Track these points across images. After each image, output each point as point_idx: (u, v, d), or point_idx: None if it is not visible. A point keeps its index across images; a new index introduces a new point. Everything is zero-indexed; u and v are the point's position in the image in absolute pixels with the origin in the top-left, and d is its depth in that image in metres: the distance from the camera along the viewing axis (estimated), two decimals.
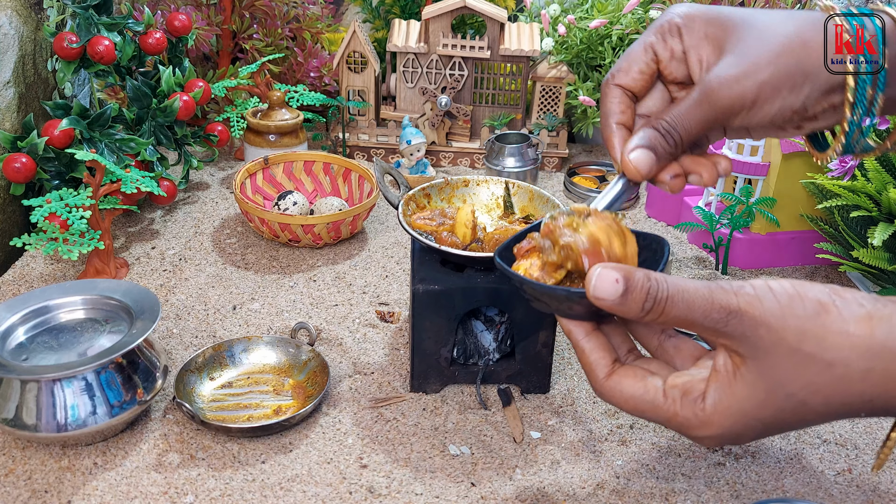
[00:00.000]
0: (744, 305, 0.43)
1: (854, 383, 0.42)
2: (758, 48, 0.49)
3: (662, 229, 1.15)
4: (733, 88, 0.49)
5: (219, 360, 0.80)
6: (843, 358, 0.42)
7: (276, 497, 0.67)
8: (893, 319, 0.41)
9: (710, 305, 0.43)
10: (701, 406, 0.46)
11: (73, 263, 1.00)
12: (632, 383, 0.48)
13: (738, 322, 0.43)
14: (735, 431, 0.46)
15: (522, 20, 1.42)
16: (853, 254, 0.92)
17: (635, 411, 0.48)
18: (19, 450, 0.71)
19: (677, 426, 0.47)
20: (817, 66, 0.49)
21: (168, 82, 1.08)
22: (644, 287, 0.44)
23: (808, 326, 0.42)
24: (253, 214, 1.02)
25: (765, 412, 0.44)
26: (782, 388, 0.43)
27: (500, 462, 0.72)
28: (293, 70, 1.38)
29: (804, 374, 0.43)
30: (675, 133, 0.51)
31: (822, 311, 0.42)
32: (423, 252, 0.79)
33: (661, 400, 0.47)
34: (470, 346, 0.80)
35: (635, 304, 0.44)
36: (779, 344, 0.43)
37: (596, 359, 0.50)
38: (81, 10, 1.00)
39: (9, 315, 0.73)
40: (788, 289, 0.43)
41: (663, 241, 0.55)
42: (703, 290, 0.44)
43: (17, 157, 0.93)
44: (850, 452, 0.74)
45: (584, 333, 0.50)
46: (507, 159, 1.24)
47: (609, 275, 0.45)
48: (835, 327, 0.42)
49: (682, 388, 0.47)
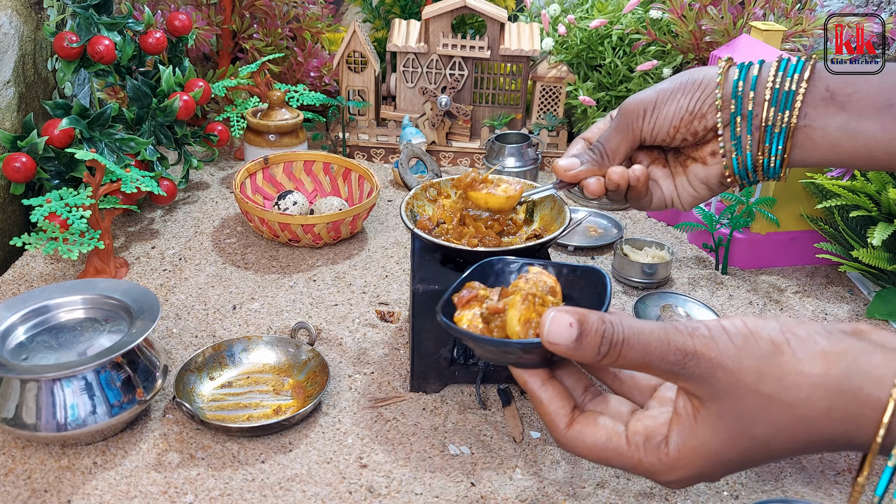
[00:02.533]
0: (699, 347, 0.42)
1: (817, 422, 0.41)
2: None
3: (662, 229, 1.15)
4: (637, 97, 0.63)
5: (218, 360, 0.80)
6: (803, 398, 0.41)
7: (275, 497, 0.67)
8: (849, 356, 0.41)
9: (667, 348, 0.43)
10: (665, 451, 0.45)
11: (73, 263, 1.00)
12: (593, 432, 0.48)
13: (694, 364, 0.43)
14: (702, 472, 0.45)
15: (522, 20, 1.42)
16: (853, 254, 0.92)
17: (599, 460, 0.48)
18: (19, 449, 0.71)
19: (644, 472, 0.47)
20: (710, 77, 0.61)
21: (168, 82, 1.08)
22: (599, 330, 0.43)
23: (764, 367, 0.42)
24: (253, 214, 1.02)
25: (730, 453, 0.44)
26: (745, 430, 0.43)
27: (499, 462, 0.72)
28: (293, 70, 1.38)
29: (765, 415, 0.42)
30: (599, 146, 0.66)
31: (776, 352, 0.42)
32: (423, 252, 0.79)
33: (625, 447, 0.47)
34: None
35: (590, 349, 0.43)
36: (737, 385, 0.42)
37: (555, 409, 0.49)
38: (81, 10, 1.00)
39: (9, 314, 0.73)
40: (742, 328, 0.43)
41: (602, 275, 0.54)
42: (658, 332, 0.43)
43: (17, 156, 0.93)
44: (849, 453, 0.74)
45: (541, 383, 0.49)
46: (507, 159, 1.24)
47: (563, 318, 0.43)
48: (790, 367, 0.41)
49: (645, 433, 0.46)
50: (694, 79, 0.62)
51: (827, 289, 1.01)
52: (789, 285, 1.02)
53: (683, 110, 0.62)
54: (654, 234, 1.14)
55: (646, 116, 0.63)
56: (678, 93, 0.62)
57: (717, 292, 1.00)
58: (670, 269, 1.00)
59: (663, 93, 0.62)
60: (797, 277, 1.04)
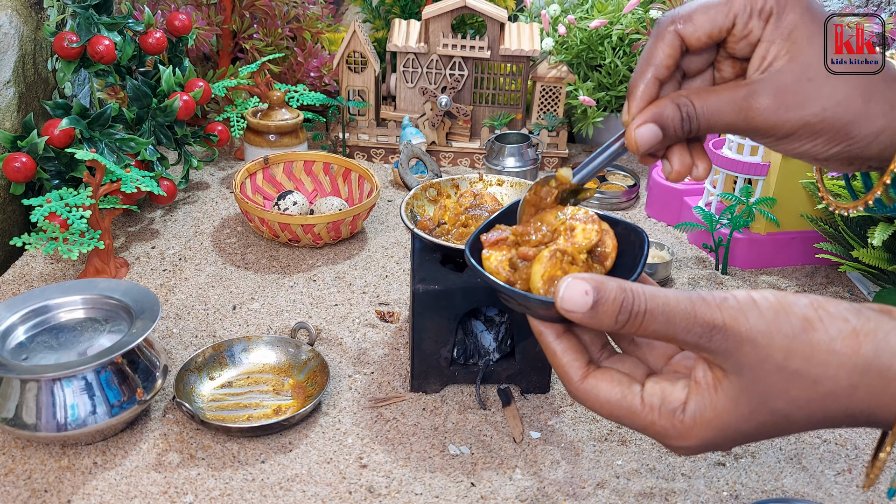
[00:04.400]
0: (728, 321, 0.42)
1: (839, 399, 0.42)
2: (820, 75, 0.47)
3: (662, 229, 1.15)
4: (770, 118, 0.47)
5: (219, 360, 0.80)
6: (831, 375, 0.41)
7: (275, 497, 0.67)
8: (878, 335, 0.41)
9: (693, 320, 0.42)
10: (680, 417, 0.45)
11: (73, 263, 1.00)
12: (608, 387, 0.47)
13: (722, 338, 0.42)
14: (714, 442, 0.45)
15: (522, 20, 1.42)
16: (853, 254, 0.92)
17: (611, 416, 0.47)
18: (19, 449, 0.71)
19: (654, 434, 0.46)
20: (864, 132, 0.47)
21: (168, 82, 1.08)
22: (617, 299, 0.42)
23: (794, 344, 0.41)
24: (253, 214, 1.02)
25: (747, 425, 0.44)
26: (766, 404, 0.43)
27: (499, 462, 0.72)
28: (293, 70, 1.38)
29: (789, 391, 0.42)
30: (696, 122, 0.49)
31: (808, 328, 0.42)
32: (423, 252, 0.79)
33: (639, 407, 0.46)
34: (470, 346, 0.80)
35: (607, 317, 0.43)
36: (765, 361, 0.42)
37: (569, 361, 0.48)
38: (81, 10, 1.00)
39: (9, 314, 0.73)
40: (773, 303, 0.42)
41: (642, 234, 0.51)
42: (684, 304, 0.42)
43: (17, 156, 0.93)
44: (850, 452, 0.74)
45: (555, 336, 0.49)
46: (507, 159, 1.24)
47: (578, 286, 0.43)
48: (822, 345, 0.41)
49: (662, 396, 0.46)
50: (845, 124, 0.49)
51: (827, 289, 1.01)
52: (789, 285, 1.02)
53: (811, 155, 0.50)
54: (654, 234, 1.14)
55: (769, 139, 0.50)
56: (822, 136, 0.49)
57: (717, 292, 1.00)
58: (670, 269, 1.00)
59: (804, 129, 0.49)
60: (797, 277, 1.04)
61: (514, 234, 0.51)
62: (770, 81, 0.47)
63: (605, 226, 0.51)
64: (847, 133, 0.48)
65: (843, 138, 0.48)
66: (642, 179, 1.27)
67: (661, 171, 1.18)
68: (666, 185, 1.15)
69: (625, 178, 1.26)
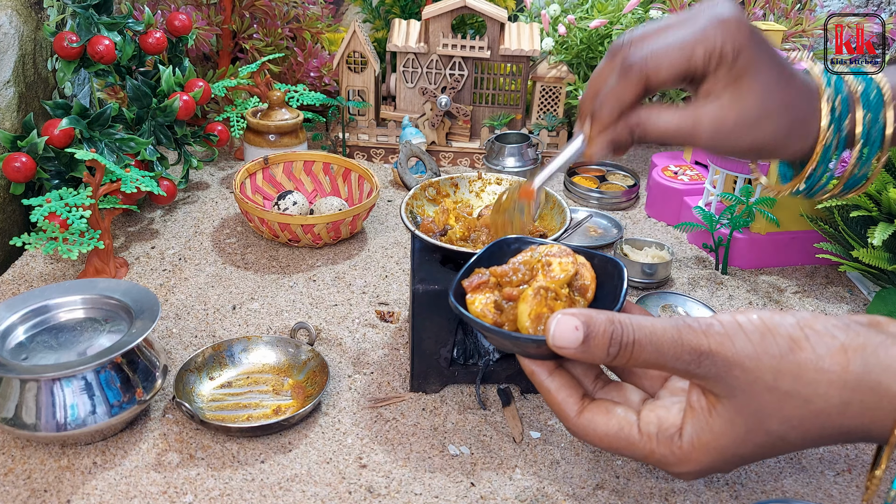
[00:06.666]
0: (715, 346, 0.42)
1: (832, 417, 0.42)
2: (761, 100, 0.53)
3: (662, 229, 1.15)
4: (708, 144, 0.54)
5: (218, 360, 0.80)
6: (821, 394, 0.41)
7: (275, 497, 0.67)
8: (867, 350, 0.41)
9: (681, 348, 0.42)
10: (678, 444, 0.45)
11: (73, 263, 1.00)
12: (605, 420, 0.47)
13: (710, 364, 0.42)
14: (714, 466, 0.45)
15: (522, 20, 1.42)
16: (853, 253, 0.92)
17: (611, 448, 0.48)
18: (19, 449, 0.71)
19: (655, 462, 0.47)
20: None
21: (168, 82, 1.08)
22: (607, 332, 0.43)
23: (782, 365, 0.42)
24: (253, 214, 1.02)
25: (744, 447, 0.44)
26: (762, 424, 0.43)
27: (499, 462, 0.72)
28: (293, 70, 1.38)
29: (782, 411, 0.42)
30: (646, 140, 0.56)
31: (795, 348, 0.42)
32: (423, 252, 0.79)
33: (637, 437, 0.46)
34: (470, 346, 0.80)
35: (599, 350, 0.43)
36: (755, 383, 0.42)
37: (563, 398, 0.48)
38: (81, 10, 1.00)
39: (8, 314, 0.73)
40: (759, 325, 0.43)
41: (620, 267, 0.52)
42: (671, 332, 0.43)
43: (17, 156, 0.93)
44: (850, 452, 0.74)
45: (548, 373, 0.49)
46: (507, 159, 1.24)
47: (568, 322, 0.43)
48: (809, 364, 0.41)
49: (658, 424, 0.46)
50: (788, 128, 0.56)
51: (827, 289, 1.01)
52: (789, 285, 1.02)
53: None
54: (654, 234, 1.14)
55: None
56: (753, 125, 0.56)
57: (717, 292, 1.00)
58: (670, 269, 1.00)
59: None
60: (797, 277, 1.04)
61: (494, 276, 0.52)
62: (714, 118, 0.52)
63: (581, 258, 0.52)
64: (770, 154, 0.55)
65: (767, 157, 0.56)
66: (642, 179, 1.27)
67: (661, 172, 1.18)
68: (666, 185, 1.15)
69: (625, 178, 1.26)
